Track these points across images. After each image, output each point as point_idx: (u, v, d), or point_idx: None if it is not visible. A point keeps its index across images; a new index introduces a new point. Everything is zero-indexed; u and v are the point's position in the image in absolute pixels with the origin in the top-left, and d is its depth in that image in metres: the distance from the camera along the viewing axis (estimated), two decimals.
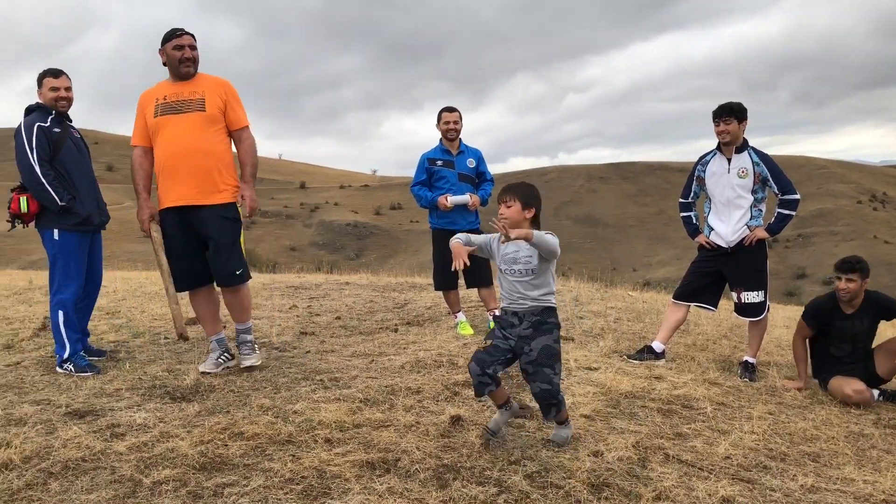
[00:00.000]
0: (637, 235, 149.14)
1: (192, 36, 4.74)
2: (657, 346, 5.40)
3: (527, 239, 3.29)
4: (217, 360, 4.84)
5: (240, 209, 4.83)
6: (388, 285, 10.01)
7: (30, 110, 5.00)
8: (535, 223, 3.47)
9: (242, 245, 4.92)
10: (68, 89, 5.03)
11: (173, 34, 4.67)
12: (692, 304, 5.58)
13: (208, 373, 4.69)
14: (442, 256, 6.41)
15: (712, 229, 5.42)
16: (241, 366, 4.81)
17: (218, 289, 5.02)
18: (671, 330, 5.55)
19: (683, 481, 3.14)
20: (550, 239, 3.32)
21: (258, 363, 4.85)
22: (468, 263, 3.45)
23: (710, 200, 5.51)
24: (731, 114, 5.17)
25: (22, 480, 2.98)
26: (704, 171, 5.45)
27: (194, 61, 4.71)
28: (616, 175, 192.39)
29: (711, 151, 5.44)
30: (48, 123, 4.92)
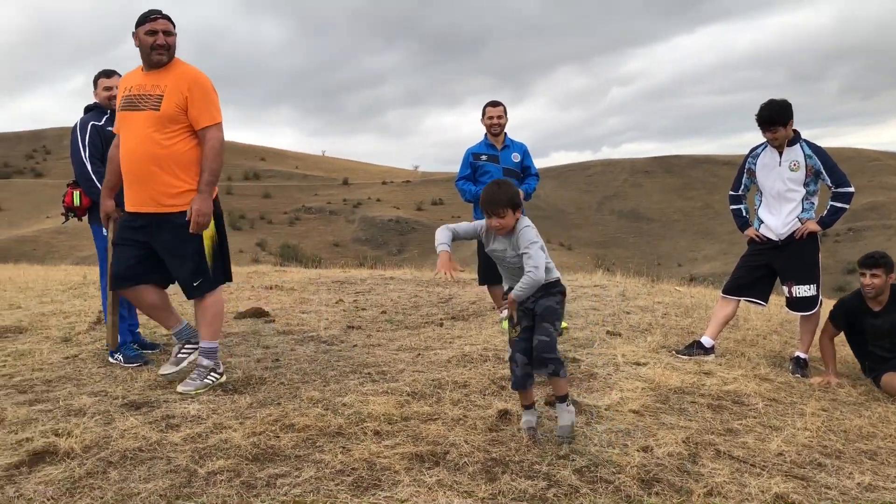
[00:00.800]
0: (682, 230, 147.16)
1: (169, 20, 4.25)
2: (706, 341, 5.33)
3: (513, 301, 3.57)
4: (177, 356, 4.55)
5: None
6: (431, 280, 10.05)
7: (87, 109, 5.18)
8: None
9: (209, 251, 4.43)
10: None
11: (147, 17, 4.20)
12: (742, 299, 5.49)
13: (166, 374, 4.43)
14: (485, 252, 6.43)
15: (762, 222, 5.33)
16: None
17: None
18: (721, 325, 5.47)
19: (735, 478, 3.10)
20: (529, 281, 3.42)
21: (192, 391, 4.16)
22: (454, 274, 3.46)
23: (760, 193, 5.41)
24: (774, 123, 5.07)
25: (83, 469, 3.06)
26: (755, 164, 5.36)
27: (168, 49, 4.22)
28: (660, 169, 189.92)
29: (762, 144, 5.35)
30: (102, 122, 5.07)
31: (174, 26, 4.29)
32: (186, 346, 4.61)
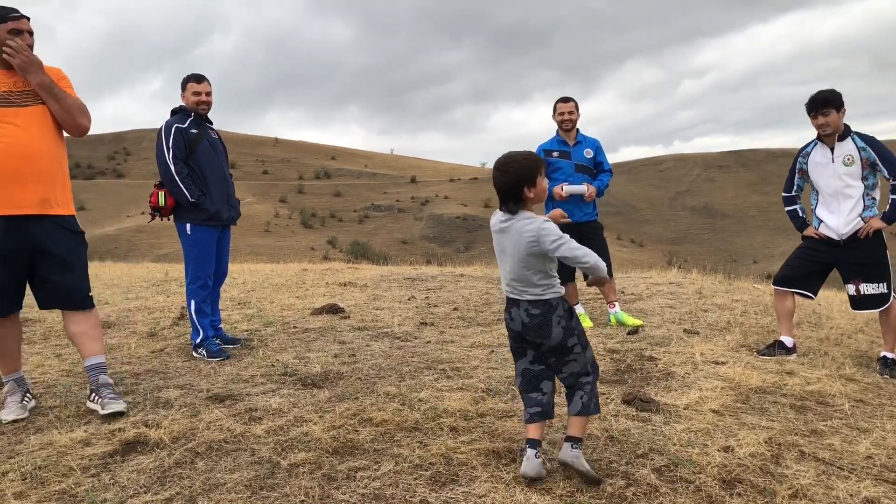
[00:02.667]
0: (758, 226, 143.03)
1: (28, 19, 3.97)
2: (787, 340, 5.17)
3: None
4: (21, 402, 3.98)
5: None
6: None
7: (173, 112, 5.36)
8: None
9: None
10: (209, 94, 5.36)
11: (7, 15, 3.87)
12: (793, 291, 5.30)
13: (17, 420, 3.83)
14: None
15: (821, 221, 5.15)
16: (104, 412, 3.83)
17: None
18: (789, 320, 5.30)
19: (822, 480, 3.01)
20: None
21: (125, 409, 3.89)
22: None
23: (816, 192, 5.23)
24: (827, 104, 4.89)
25: (172, 459, 3.19)
26: (807, 163, 5.19)
27: (29, 48, 3.92)
28: (735, 163, 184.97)
29: (812, 142, 5.18)
30: (186, 125, 5.24)
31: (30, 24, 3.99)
32: (28, 393, 4.10)
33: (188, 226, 5.25)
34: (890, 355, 5.01)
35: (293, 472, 3.02)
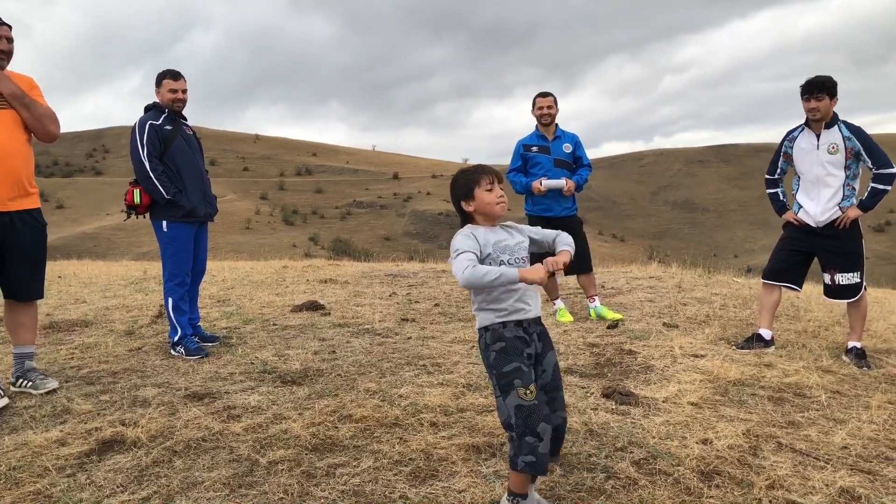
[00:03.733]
0: (738, 220, 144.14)
1: (10, 27, 4.20)
2: (765, 333, 5.21)
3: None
4: None
5: None
6: None
7: (147, 109, 5.30)
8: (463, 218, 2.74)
9: None
10: (184, 91, 5.31)
11: None
12: (780, 285, 5.35)
13: None
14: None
15: (801, 207, 5.20)
16: (39, 391, 4.19)
17: None
18: (771, 313, 5.35)
19: (798, 471, 3.03)
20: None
21: (57, 387, 4.27)
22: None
23: (798, 177, 5.28)
24: (822, 89, 4.93)
25: (149, 458, 3.16)
26: (792, 148, 5.23)
27: (8, 55, 4.18)
28: (716, 158, 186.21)
29: (799, 126, 5.22)
30: (160, 122, 5.19)
31: (11, 31, 4.22)
32: None
33: (164, 223, 5.20)
34: (856, 345, 5.06)
35: (272, 470, 3.01)
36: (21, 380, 4.30)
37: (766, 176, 5.52)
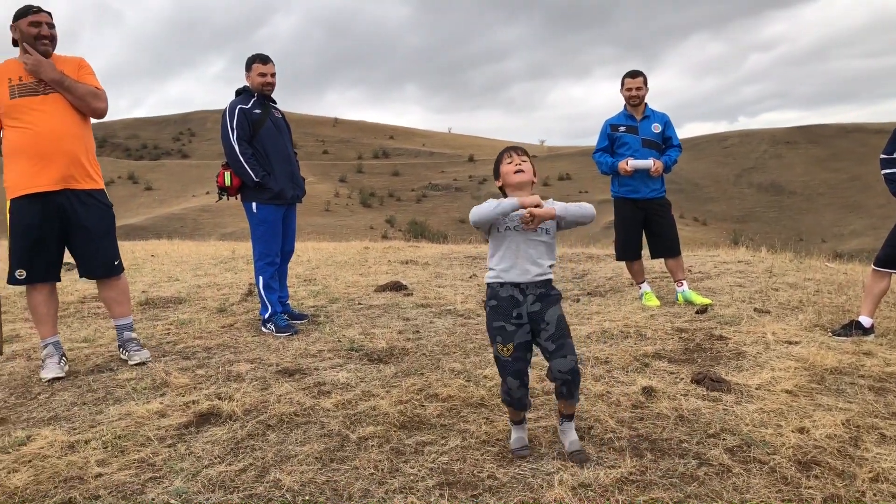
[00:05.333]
0: (827, 204, 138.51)
1: (50, 14, 4.38)
2: (865, 320, 4.99)
3: (552, 218, 2.90)
4: (59, 363, 4.37)
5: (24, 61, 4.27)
6: (563, 255, 9.97)
7: (237, 93, 5.43)
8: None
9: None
10: (273, 75, 5.42)
11: (29, 10, 4.31)
12: (895, 272, 5.08)
13: (58, 378, 4.23)
14: (625, 226, 6.29)
15: None
16: (132, 362, 4.49)
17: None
18: (876, 301, 5.10)
19: None
20: (579, 207, 2.97)
21: (149, 358, 4.54)
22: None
23: None
24: None
25: (244, 431, 3.26)
26: None
27: (52, 40, 4.35)
28: (804, 139, 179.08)
29: None
30: (249, 105, 5.31)
31: (52, 18, 4.38)
32: (63, 356, 4.48)
33: (254, 204, 5.33)
34: None
35: (362, 446, 3.06)
36: (121, 349, 4.61)
37: (883, 155, 5.22)
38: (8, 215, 4.30)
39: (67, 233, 4.38)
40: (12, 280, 4.35)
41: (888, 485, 2.71)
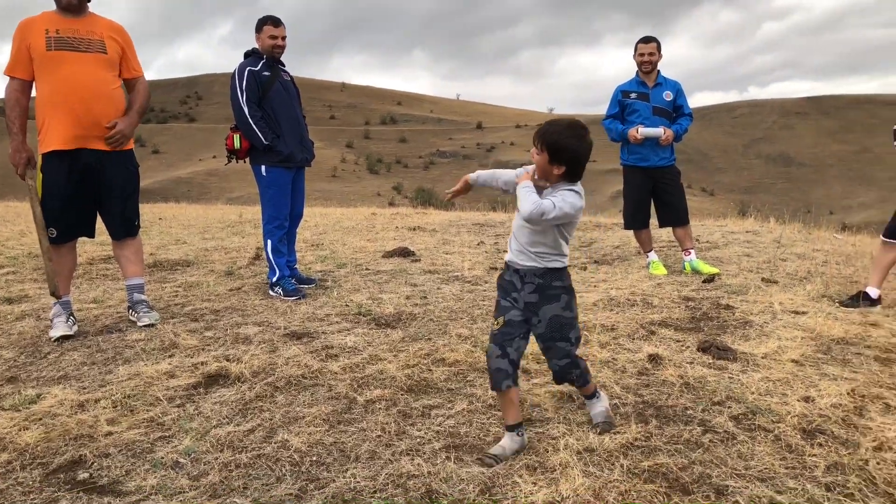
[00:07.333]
0: (836, 176, 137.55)
1: None
2: (872, 291, 4.98)
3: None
4: (67, 322, 4.39)
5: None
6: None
7: (246, 55, 5.39)
8: (570, 178, 2.66)
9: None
10: (284, 38, 5.36)
11: None
12: None
13: (66, 336, 4.27)
14: (633, 194, 6.26)
15: None
16: (140, 324, 4.49)
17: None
18: (884, 272, 5.08)
19: None
20: (537, 202, 2.57)
21: (157, 321, 4.54)
22: (455, 193, 3.02)
23: None
24: None
25: (253, 392, 3.29)
26: None
27: None
28: (815, 110, 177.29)
29: None
30: (258, 67, 5.27)
31: None
32: (72, 315, 4.49)
33: (263, 168, 5.32)
34: None
35: (369, 408, 3.08)
36: (130, 310, 4.64)
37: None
38: (40, 173, 4.30)
39: (96, 191, 4.43)
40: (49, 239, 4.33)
41: (892, 453, 2.72)
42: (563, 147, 2.58)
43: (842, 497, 2.35)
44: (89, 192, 4.40)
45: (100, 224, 4.57)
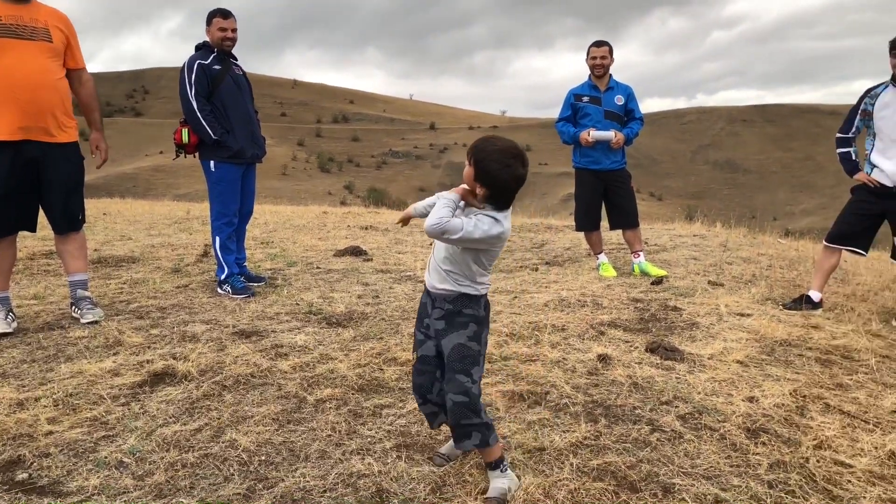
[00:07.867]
0: (780, 182, 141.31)
1: None
2: (815, 294, 5.12)
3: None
4: (6, 318, 4.25)
5: (94, 158, 4.60)
6: (523, 226, 10.01)
7: (197, 48, 5.28)
8: (494, 203, 2.33)
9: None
10: (234, 30, 5.27)
11: None
12: (844, 248, 5.22)
13: (5, 334, 4.14)
14: (585, 196, 6.33)
15: (875, 167, 5.03)
16: (84, 321, 4.36)
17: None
18: (826, 276, 5.24)
19: (846, 432, 3.00)
20: (443, 218, 2.23)
21: (101, 317, 4.43)
22: (401, 221, 2.72)
23: (873, 137, 5.09)
24: None
25: (200, 391, 3.22)
26: (873, 105, 5.03)
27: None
28: (760, 118, 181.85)
29: (883, 84, 5.02)
30: (208, 61, 5.17)
31: None
32: (11, 312, 4.35)
33: (212, 163, 5.23)
34: None
35: (319, 408, 3.05)
36: (73, 307, 4.51)
37: (839, 134, 5.32)
38: None
39: (38, 184, 4.30)
40: None
41: (831, 452, 2.80)
42: (487, 170, 2.27)
43: (783, 494, 2.41)
44: (32, 185, 4.26)
45: (42, 218, 4.44)
